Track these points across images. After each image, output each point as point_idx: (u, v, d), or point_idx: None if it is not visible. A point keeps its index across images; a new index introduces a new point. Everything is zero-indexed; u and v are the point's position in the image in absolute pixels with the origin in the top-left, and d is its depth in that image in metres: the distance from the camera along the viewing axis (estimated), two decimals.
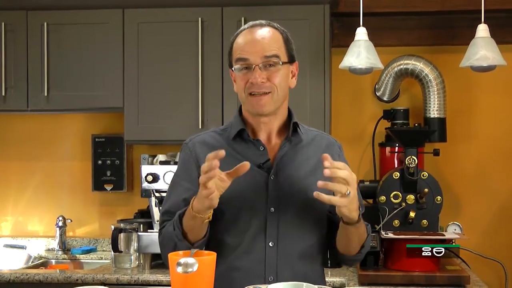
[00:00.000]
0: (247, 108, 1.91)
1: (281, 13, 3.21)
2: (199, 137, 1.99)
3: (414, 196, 2.89)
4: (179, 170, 1.98)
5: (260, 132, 1.94)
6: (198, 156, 1.92)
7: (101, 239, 3.71)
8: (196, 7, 3.27)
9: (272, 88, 1.85)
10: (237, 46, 1.89)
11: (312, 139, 1.99)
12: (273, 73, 1.86)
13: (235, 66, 1.88)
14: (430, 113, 3.28)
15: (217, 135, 1.97)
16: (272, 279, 1.85)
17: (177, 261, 1.52)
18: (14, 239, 3.74)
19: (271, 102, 1.87)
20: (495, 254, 3.31)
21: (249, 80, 1.85)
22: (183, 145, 2.00)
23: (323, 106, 3.21)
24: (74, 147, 3.76)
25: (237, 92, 1.92)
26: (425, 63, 3.25)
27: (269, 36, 1.88)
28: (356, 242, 1.90)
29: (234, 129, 1.93)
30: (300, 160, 1.91)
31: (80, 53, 3.35)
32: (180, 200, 1.90)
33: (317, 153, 1.91)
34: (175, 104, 3.28)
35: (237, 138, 1.93)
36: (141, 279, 2.96)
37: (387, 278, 2.80)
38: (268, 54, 1.85)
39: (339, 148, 2.03)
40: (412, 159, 2.87)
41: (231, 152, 1.89)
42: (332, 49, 3.42)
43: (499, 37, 3.11)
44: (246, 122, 1.95)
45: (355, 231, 1.84)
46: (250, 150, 1.91)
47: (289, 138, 1.92)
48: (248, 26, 1.92)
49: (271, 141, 1.94)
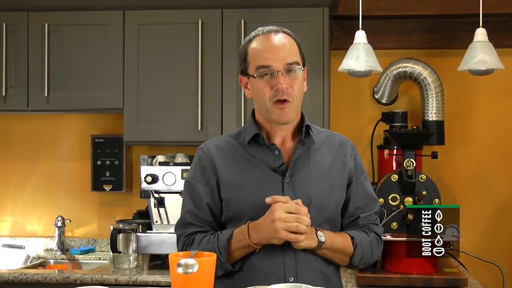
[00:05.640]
0: (270, 117, 1.91)
1: (281, 16, 3.22)
2: (214, 142, 2.00)
3: (412, 199, 2.90)
4: (195, 174, 1.97)
5: (275, 136, 1.95)
6: (214, 161, 1.94)
7: (99, 239, 3.71)
8: (196, 9, 3.27)
9: (293, 95, 1.88)
10: (255, 53, 1.89)
11: (324, 140, 2.01)
12: (294, 80, 1.89)
13: (256, 73, 1.87)
14: (428, 116, 3.29)
15: (232, 140, 1.98)
16: (292, 279, 1.87)
17: (177, 262, 1.53)
18: (13, 239, 3.74)
19: (293, 110, 1.90)
20: (493, 257, 3.31)
21: (273, 87, 1.85)
22: (198, 150, 2.01)
23: (322, 109, 3.22)
24: (74, 148, 3.76)
25: (255, 99, 1.93)
26: (424, 66, 3.27)
27: (288, 43, 1.90)
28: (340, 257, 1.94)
29: (249, 133, 1.94)
30: (314, 162, 1.93)
31: (80, 54, 3.36)
32: (203, 204, 1.93)
33: (331, 153, 1.97)
34: (175, 106, 3.29)
35: (252, 143, 1.94)
36: (140, 280, 2.97)
37: (385, 280, 2.80)
38: (290, 61, 1.88)
39: (351, 147, 2.04)
40: (410, 161, 2.88)
41: (247, 156, 1.93)
42: (331, 52, 3.43)
43: (497, 41, 3.12)
44: (260, 126, 1.96)
45: (327, 252, 1.90)
46: (265, 154, 1.92)
47: (303, 141, 1.94)
48: (262, 32, 1.92)
49: (285, 144, 1.96)
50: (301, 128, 1.96)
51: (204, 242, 1.88)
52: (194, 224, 1.94)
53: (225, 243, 1.84)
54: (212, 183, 1.92)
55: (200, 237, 1.91)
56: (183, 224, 1.96)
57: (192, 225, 1.94)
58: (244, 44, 1.95)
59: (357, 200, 1.99)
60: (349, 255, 1.94)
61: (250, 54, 1.91)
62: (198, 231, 1.93)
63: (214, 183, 1.92)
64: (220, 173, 1.92)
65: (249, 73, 1.91)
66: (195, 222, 1.94)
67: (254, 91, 1.91)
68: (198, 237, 1.91)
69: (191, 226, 1.94)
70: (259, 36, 1.92)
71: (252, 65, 1.89)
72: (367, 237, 1.98)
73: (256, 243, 1.80)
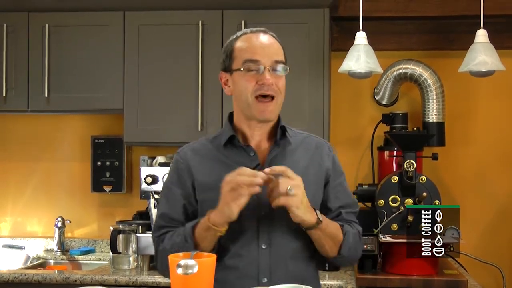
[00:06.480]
0: (252, 113, 1.90)
1: (281, 17, 3.22)
2: (191, 146, 2.02)
3: (412, 200, 2.90)
4: (172, 178, 2.00)
5: (251, 138, 1.96)
6: (190, 164, 1.96)
7: (99, 240, 3.71)
8: (197, 10, 3.27)
9: (277, 93, 1.89)
10: (243, 48, 1.90)
11: (301, 141, 2.01)
12: (279, 78, 1.90)
13: (243, 67, 1.88)
14: (429, 118, 3.29)
15: (208, 143, 2.00)
16: (265, 280, 1.87)
17: (177, 263, 1.53)
18: (13, 239, 3.74)
19: (276, 108, 1.91)
20: (493, 258, 3.31)
21: (258, 81, 1.86)
22: (175, 154, 2.02)
23: (322, 110, 3.22)
24: (74, 148, 3.76)
25: (236, 94, 1.93)
26: (424, 67, 3.26)
27: (275, 43, 1.93)
28: (330, 244, 1.92)
29: (225, 136, 1.96)
30: (289, 163, 1.92)
31: (80, 55, 3.36)
32: (179, 206, 1.95)
33: (307, 155, 1.98)
34: (175, 106, 3.29)
35: (228, 145, 1.95)
36: (140, 281, 2.97)
37: (385, 282, 2.81)
38: (278, 59, 1.90)
39: (328, 148, 2.05)
40: (410, 163, 2.88)
41: (222, 158, 1.94)
42: (332, 53, 3.43)
43: (498, 42, 3.12)
44: (236, 128, 1.97)
45: (322, 234, 1.87)
46: (241, 156, 1.93)
47: (278, 142, 1.95)
48: (250, 31, 1.94)
49: (261, 146, 1.96)
50: (277, 129, 1.97)
51: (174, 236, 1.89)
52: (167, 225, 1.95)
53: (190, 230, 1.84)
54: (188, 186, 1.94)
55: (171, 232, 1.92)
56: (157, 227, 1.98)
57: (165, 227, 1.95)
58: (230, 41, 1.96)
59: (339, 199, 2.00)
60: (338, 244, 1.93)
61: (237, 49, 1.92)
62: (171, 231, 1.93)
63: (190, 185, 1.93)
64: (196, 175, 1.93)
65: (234, 68, 1.91)
66: (168, 223, 1.95)
67: (236, 86, 1.91)
68: (168, 234, 1.92)
69: (165, 228, 1.95)
70: (248, 34, 1.93)
71: (238, 60, 1.90)
72: (352, 229, 1.98)
73: (214, 222, 1.78)
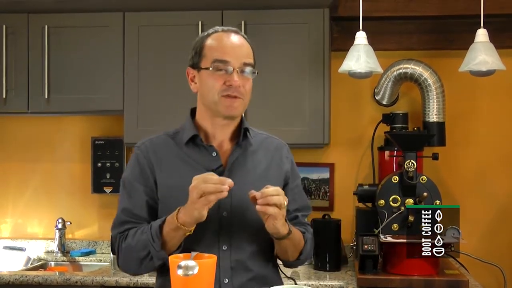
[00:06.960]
0: (218, 110, 1.90)
1: (281, 17, 3.22)
2: (152, 141, 1.99)
3: (413, 200, 2.90)
4: (133, 173, 1.95)
5: (213, 137, 1.96)
6: (151, 161, 1.93)
7: (100, 241, 3.71)
8: (197, 11, 3.27)
9: (243, 95, 1.90)
10: (213, 47, 1.90)
11: (261, 142, 2.02)
12: (247, 80, 1.91)
13: (211, 66, 1.88)
14: (429, 117, 3.29)
15: (170, 139, 1.98)
16: (227, 281, 1.87)
17: (178, 264, 1.53)
18: (14, 241, 3.74)
19: (242, 106, 1.92)
20: (494, 258, 3.31)
21: (225, 82, 1.87)
22: (135, 148, 1.99)
23: (322, 110, 3.22)
24: (74, 150, 3.76)
25: (202, 92, 1.92)
26: (424, 67, 3.26)
27: (246, 45, 1.94)
28: (292, 251, 1.96)
29: (187, 134, 1.94)
30: (250, 165, 1.94)
31: (80, 56, 3.36)
32: (142, 202, 1.92)
33: (267, 157, 1.99)
34: (175, 107, 3.28)
35: (190, 143, 1.94)
36: (140, 282, 2.96)
37: (385, 282, 2.80)
38: (247, 61, 1.90)
39: (287, 150, 2.08)
40: (411, 163, 2.88)
41: (184, 157, 1.93)
42: (332, 53, 3.42)
43: (498, 41, 3.11)
44: (199, 127, 1.97)
45: (289, 242, 1.90)
46: (203, 156, 1.92)
47: (240, 143, 1.95)
48: (222, 30, 1.94)
49: (223, 146, 1.96)
50: (240, 131, 1.97)
51: (138, 233, 1.86)
52: (130, 221, 1.91)
53: (157, 229, 1.81)
54: (151, 182, 1.92)
55: (135, 229, 1.88)
56: (118, 222, 1.94)
57: (128, 223, 1.91)
58: (201, 38, 1.95)
59: (296, 201, 2.04)
60: (299, 250, 1.98)
61: (207, 47, 1.91)
62: (135, 227, 1.90)
63: (152, 182, 1.91)
64: (157, 173, 1.92)
65: (202, 66, 1.90)
66: (132, 219, 1.91)
67: (203, 84, 1.91)
68: (132, 231, 1.88)
69: (128, 224, 1.91)
70: (219, 32, 1.93)
71: (207, 59, 1.89)
72: (311, 236, 2.04)
73: (183, 222, 1.75)
